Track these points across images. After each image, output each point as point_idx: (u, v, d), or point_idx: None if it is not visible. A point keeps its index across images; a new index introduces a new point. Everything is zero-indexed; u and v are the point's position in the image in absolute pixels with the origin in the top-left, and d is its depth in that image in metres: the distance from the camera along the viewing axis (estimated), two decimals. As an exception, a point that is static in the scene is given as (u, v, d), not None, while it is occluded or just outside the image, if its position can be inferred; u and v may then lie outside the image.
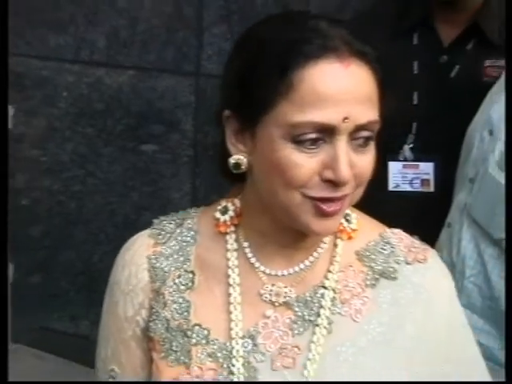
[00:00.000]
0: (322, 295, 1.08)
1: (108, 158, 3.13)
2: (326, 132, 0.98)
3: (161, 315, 1.10)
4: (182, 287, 1.11)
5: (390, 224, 2.05)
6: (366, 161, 1.02)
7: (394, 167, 2.04)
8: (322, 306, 1.08)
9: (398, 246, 1.13)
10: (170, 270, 1.12)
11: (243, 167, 1.05)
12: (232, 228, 1.12)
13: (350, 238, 1.12)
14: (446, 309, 1.12)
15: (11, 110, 3.14)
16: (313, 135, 0.98)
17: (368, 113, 1.00)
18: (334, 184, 0.99)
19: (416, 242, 1.15)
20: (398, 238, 1.15)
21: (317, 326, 1.07)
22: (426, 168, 2.03)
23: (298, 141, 0.98)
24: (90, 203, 3.17)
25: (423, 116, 2.02)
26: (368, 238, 1.13)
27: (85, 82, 3.11)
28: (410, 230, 1.99)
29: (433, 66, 2.02)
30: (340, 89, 0.98)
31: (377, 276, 1.10)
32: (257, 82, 1.01)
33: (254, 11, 2.82)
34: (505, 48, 1.69)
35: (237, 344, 1.07)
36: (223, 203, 1.13)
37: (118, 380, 1.15)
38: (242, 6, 2.86)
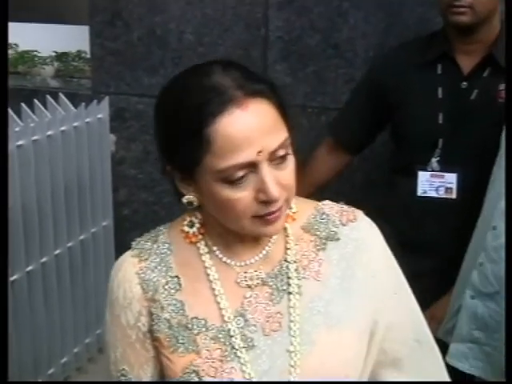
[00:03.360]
0: (287, 267, 1.13)
1: None
2: (249, 166, 1.01)
3: (161, 317, 1.12)
4: (172, 291, 1.13)
5: (418, 224, 2.08)
6: (287, 172, 1.05)
7: (422, 176, 2.07)
8: (289, 277, 1.12)
9: (331, 214, 1.17)
10: (158, 280, 1.13)
11: (195, 204, 1.10)
12: (200, 236, 1.14)
13: (293, 219, 1.16)
14: (381, 251, 1.17)
15: (114, 138, 3.21)
16: (240, 173, 1.01)
17: (277, 137, 1.02)
18: (269, 202, 1.03)
19: (344, 207, 1.18)
20: (329, 207, 1.18)
21: (290, 293, 1.11)
22: (450, 178, 2.05)
23: (229, 181, 1.01)
24: (178, 212, 3.21)
25: (447, 133, 2.05)
26: (307, 214, 1.17)
27: None
28: (435, 230, 2.03)
29: (455, 91, 2.05)
30: (247, 130, 1.00)
31: (324, 241, 1.14)
32: (180, 143, 1.03)
33: (309, 50, 2.88)
34: (505, 47, 1.72)
35: (231, 324, 1.10)
36: (188, 218, 1.15)
37: (128, 376, 1.16)
38: (299, 47, 2.91)
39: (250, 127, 1.00)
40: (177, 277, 1.14)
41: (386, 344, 1.16)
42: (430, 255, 2.06)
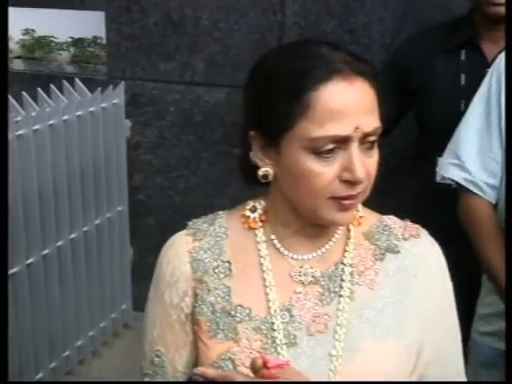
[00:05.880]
0: (343, 270, 1.09)
1: (207, 160, 3.18)
2: (341, 141, 0.98)
3: (206, 300, 1.08)
4: (222, 275, 1.09)
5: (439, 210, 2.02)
6: (373, 161, 1.03)
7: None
8: (343, 279, 1.09)
9: (394, 227, 1.14)
10: (210, 262, 1.10)
11: (270, 177, 1.05)
12: (260, 224, 1.11)
13: (359, 223, 1.13)
14: (441, 272, 1.14)
15: (129, 123, 3.20)
16: (330, 146, 0.98)
17: (373, 121, 1.00)
18: (352, 183, 0.99)
19: (408, 223, 1.15)
20: (393, 221, 1.15)
21: (341, 296, 1.08)
22: None
23: (317, 152, 0.98)
24: (193, 197, 3.20)
25: None
26: (369, 223, 1.14)
27: (188, 98, 3.15)
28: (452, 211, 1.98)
29: (478, 78, 1.93)
30: (349, 103, 0.98)
31: (383, 251, 1.11)
32: (277, 105, 1.00)
33: (326, 36, 2.84)
34: (505, 48, 1.67)
35: (276, 318, 1.06)
36: (251, 203, 1.12)
37: (162, 358, 1.12)
38: (316, 33, 2.87)
39: (352, 102, 0.98)
40: (228, 262, 1.10)
41: (429, 368, 1.11)
42: (452, 242, 2.01)
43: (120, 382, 1.01)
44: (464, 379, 1.15)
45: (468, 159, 1.74)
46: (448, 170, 1.79)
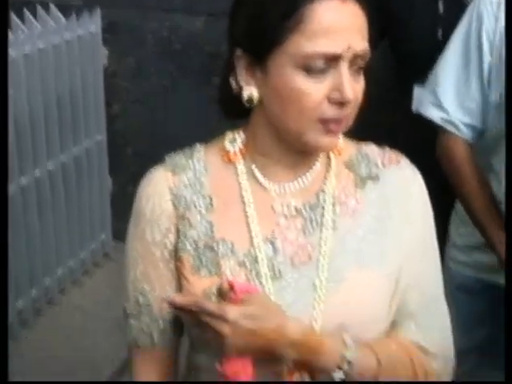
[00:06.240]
0: (324, 200, 1.08)
1: (185, 89, 3.13)
2: (331, 59, 0.96)
3: (188, 236, 1.07)
4: (203, 210, 1.07)
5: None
6: (359, 87, 1.01)
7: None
8: (324, 209, 1.08)
9: (373, 155, 1.13)
10: (191, 197, 1.08)
11: (255, 101, 1.02)
12: (240, 156, 1.09)
13: (339, 152, 1.11)
14: (421, 199, 1.13)
15: (106, 52, 3.14)
16: (321, 63, 0.96)
17: (362, 43, 0.99)
18: (340, 104, 0.97)
19: (386, 150, 1.14)
20: (371, 149, 1.14)
21: (323, 226, 1.07)
22: None
23: (308, 70, 0.96)
24: (172, 127, 3.16)
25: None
26: (349, 152, 1.12)
27: (166, 26, 3.09)
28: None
29: (456, 6, 1.93)
30: (342, 22, 0.97)
31: (364, 179, 1.10)
32: (268, 19, 0.97)
33: None
34: (505, 48, 1.63)
35: (259, 251, 1.06)
36: (230, 134, 1.10)
37: (147, 296, 1.10)
38: None
39: (345, 21, 0.97)
40: (209, 197, 1.08)
41: (407, 295, 1.10)
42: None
43: (128, 383, 0.99)
44: (443, 304, 1.16)
45: (446, 98, 1.75)
46: (427, 109, 1.79)
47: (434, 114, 1.78)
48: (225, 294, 0.98)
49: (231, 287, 0.97)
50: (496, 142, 1.70)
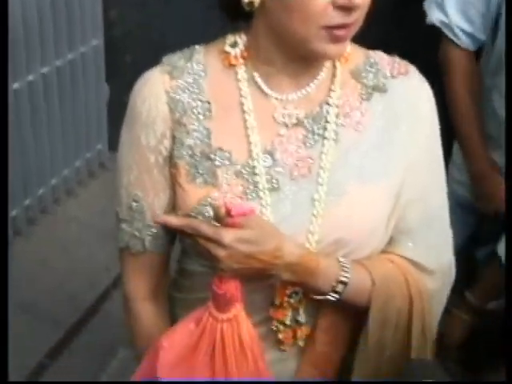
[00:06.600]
0: (327, 111, 1.06)
1: None
2: None
3: (184, 143, 1.05)
4: (201, 116, 1.05)
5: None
6: None
7: None
8: (327, 121, 1.05)
9: (381, 64, 1.09)
10: (188, 102, 1.05)
11: (256, 4, 0.98)
12: (241, 61, 1.05)
13: (346, 60, 1.08)
14: (429, 111, 1.10)
15: None
16: None
17: None
18: (347, 10, 0.93)
19: (396, 59, 1.11)
20: (380, 57, 1.11)
21: (325, 138, 1.05)
22: None
23: None
24: (172, 35, 3.02)
25: None
26: (356, 60, 1.09)
27: None
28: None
29: None
30: None
31: (370, 90, 1.07)
32: None
33: None
34: (505, 48, 1.66)
35: (258, 162, 1.04)
36: (231, 38, 1.06)
37: (141, 203, 1.09)
38: None
39: None
40: (208, 102, 1.05)
41: (408, 210, 1.09)
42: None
43: (127, 383, 0.97)
44: (445, 223, 1.14)
45: (449, 1, 1.75)
46: (430, 9, 1.80)
47: (434, 15, 1.79)
48: (221, 218, 0.97)
49: (228, 212, 0.96)
50: (498, 61, 1.74)
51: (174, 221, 1.03)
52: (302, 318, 1.10)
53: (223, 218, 0.97)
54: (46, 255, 2.71)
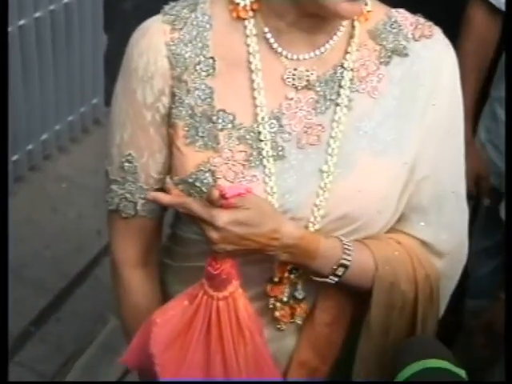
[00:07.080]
0: (342, 74, 1.01)
1: None
2: None
3: (184, 102, 1.00)
4: (204, 74, 0.99)
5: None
6: None
7: None
8: (341, 86, 1.01)
9: (404, 24, 1.03)
10: (191, 57, 1.00)
11: None
12: (251, 13, 0.99)
13: (366, 19, 1.03)
14: (452, 79, 1.05)
15: None
16: None
17: None
18: None
19: (420, 20, 1.05)
20: (403, 16, 1.05)
21: (337, 104, 1.00)
22: None
23: None
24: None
25: None
26: (376, 18, 1.04)
27: None
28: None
29: None
30: None
31: (389, 54, 1.02)
32: None
33: None
34: (505, 48, 1.65)
35: (263, 126, 0.99)
36: None
37: (134, 164, 1.04)
38: None
39: None
40: (212, 58, 0.99)
41: (422, 186, 1.05)
42: None
43: (127, 383, 0.91)
44: (461, 202, 1.10)
45: None
46: None
47: None
48: (215, 201, 0.94)
49: (222, 195, 0.93)
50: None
51: (165, 199, 1.00)
52: (300, 294, 1.06)
53: (217, 201, 0.93)
54: (34, 215, 2.66)
